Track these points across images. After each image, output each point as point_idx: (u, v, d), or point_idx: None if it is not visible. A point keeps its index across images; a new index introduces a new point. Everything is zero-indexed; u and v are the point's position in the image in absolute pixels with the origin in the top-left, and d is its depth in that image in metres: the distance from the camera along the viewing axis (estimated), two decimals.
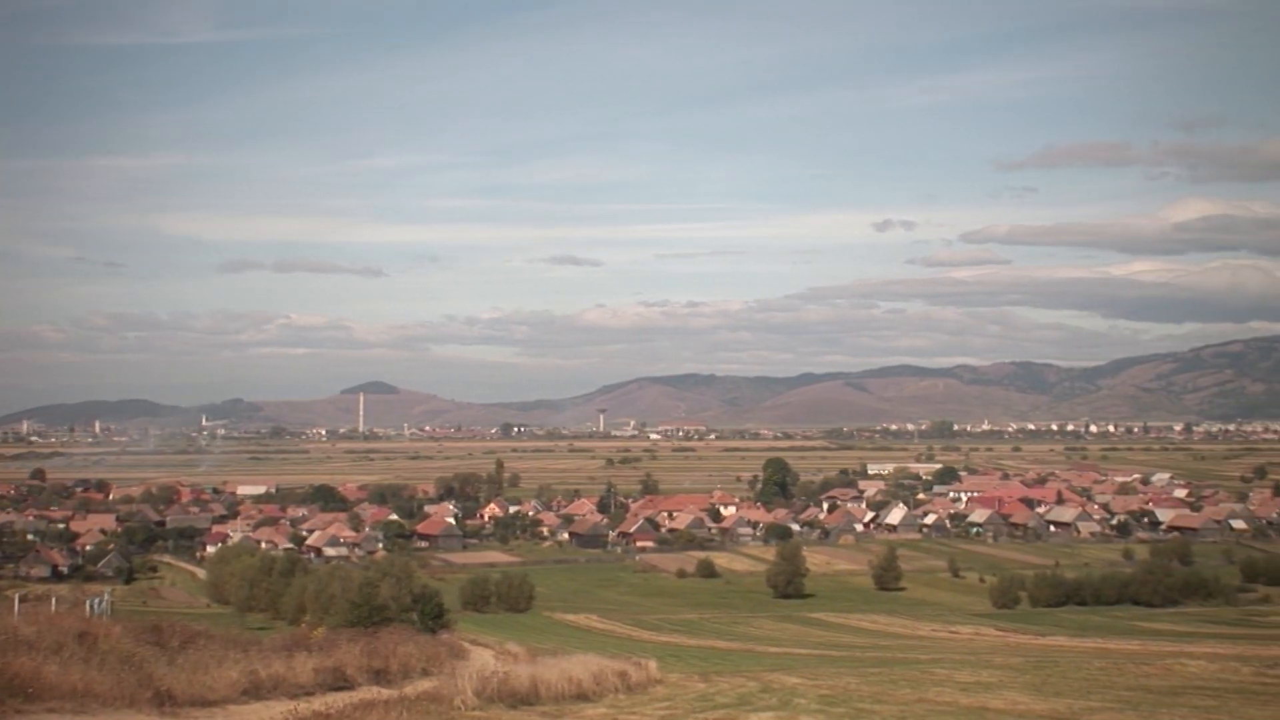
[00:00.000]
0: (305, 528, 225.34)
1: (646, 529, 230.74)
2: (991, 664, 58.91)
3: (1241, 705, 39.63)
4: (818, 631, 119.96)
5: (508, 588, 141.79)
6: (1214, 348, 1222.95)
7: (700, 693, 40.04)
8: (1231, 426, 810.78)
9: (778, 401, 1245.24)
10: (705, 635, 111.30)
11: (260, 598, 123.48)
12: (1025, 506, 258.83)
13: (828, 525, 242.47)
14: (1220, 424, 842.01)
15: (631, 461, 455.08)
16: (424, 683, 35.82)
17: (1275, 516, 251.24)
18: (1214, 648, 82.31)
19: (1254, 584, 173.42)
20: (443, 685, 33.24)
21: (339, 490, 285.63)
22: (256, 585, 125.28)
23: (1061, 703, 39.57)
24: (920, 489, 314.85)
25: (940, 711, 36.75)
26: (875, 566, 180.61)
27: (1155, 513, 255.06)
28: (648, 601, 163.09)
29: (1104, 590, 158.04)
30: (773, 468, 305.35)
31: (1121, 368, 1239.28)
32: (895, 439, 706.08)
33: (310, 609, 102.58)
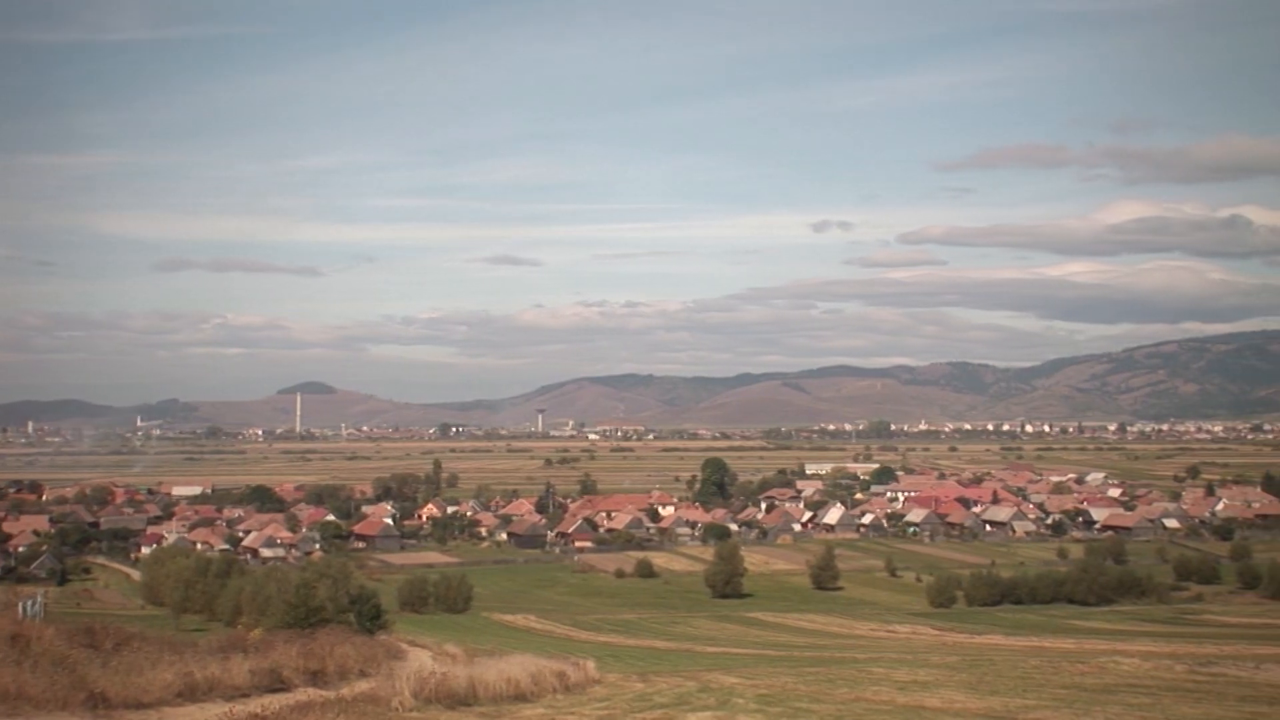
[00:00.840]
0: (241, 528, 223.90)
1: (585, 529, 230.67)
2: (928, 663, 59.19)
3: (1175, 703, 40.02)
4: (756, 631, 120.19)
5: (446, 588, 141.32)
6: (1147, 348, 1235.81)
7: (638, 692, 40.04)
8: (1165, 426, 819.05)
9: (716, 402, 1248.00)
10: (643, 635, 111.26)
11: (196, 599, 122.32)
12: (961, 506, 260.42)
13: (766, 525, 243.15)
14: (1154, 424, 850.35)
15: (570, 462, 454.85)
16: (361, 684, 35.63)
17: (1208, 516, 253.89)
18: (1148, 646, 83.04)
19: (1187, 582, 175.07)
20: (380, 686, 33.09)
21: (276, 491, 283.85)
22: (192, 587, 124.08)
23: (997, 701, 39.84)
24: (858, 489, 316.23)
25: (877, 710, 36.91)
26: (813, 566, 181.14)
27: (1090, 512, 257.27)
28: (586, 602, 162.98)
29: (1039, 589, 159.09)
30: (711, 468, 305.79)
31: (1057, 368, 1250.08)
32: (833, 439, 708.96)
33: (246, 610, 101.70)
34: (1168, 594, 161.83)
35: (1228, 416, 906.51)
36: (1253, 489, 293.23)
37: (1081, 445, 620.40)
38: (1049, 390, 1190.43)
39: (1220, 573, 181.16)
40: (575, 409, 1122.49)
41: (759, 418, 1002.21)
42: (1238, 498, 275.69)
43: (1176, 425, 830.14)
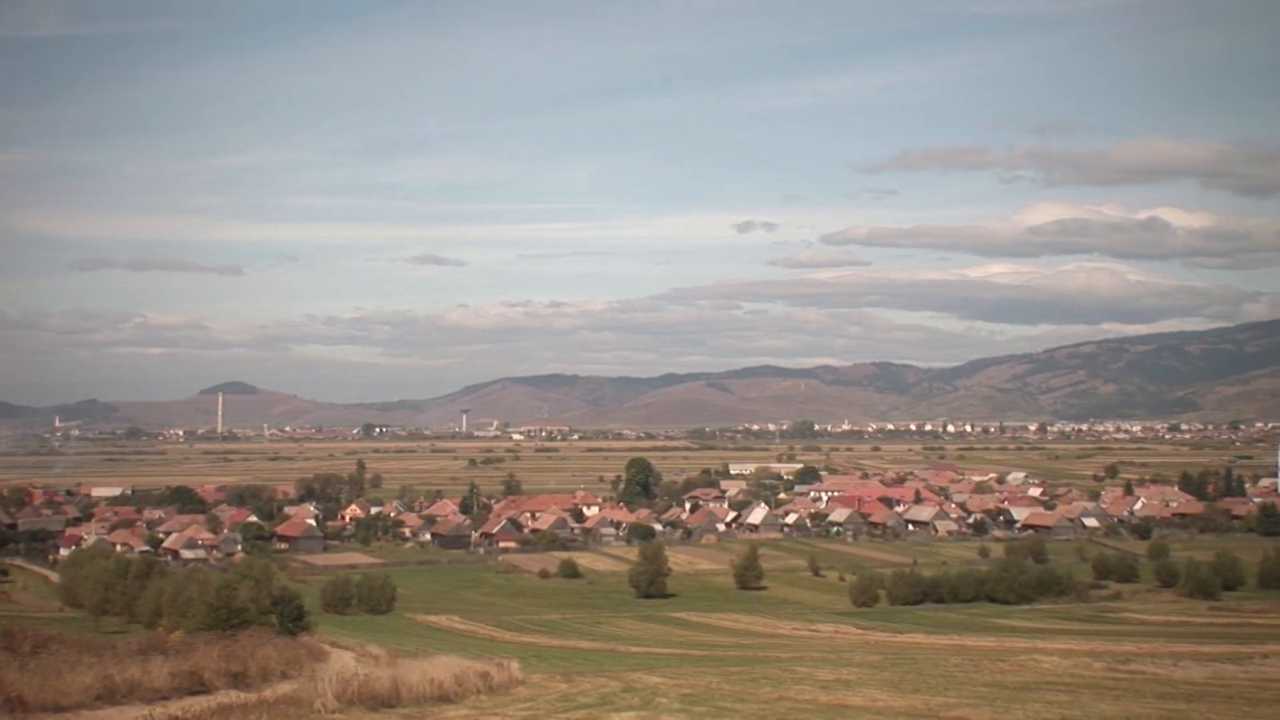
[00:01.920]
0: (162, 530, 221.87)
1: (509, 529, 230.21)
2: (851, 661, 59.49)
3: (1094, 700, 40.42)
4: (680, 631, 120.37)
5: (369, 589, 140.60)
6: (1067, 349, 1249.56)
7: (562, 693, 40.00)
8: (1084, 426, 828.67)
9: (640, 402, 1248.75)
10: (568, 635, 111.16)
11: (115, 601, 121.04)
12: (884, 506, 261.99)
13: (690, 525, 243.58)
14: (1073, 424, 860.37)
15: (494, 462, 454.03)
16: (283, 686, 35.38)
17: (1126, 515, 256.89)
18: (1067, 644, 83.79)
19: (1106, 581, 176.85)
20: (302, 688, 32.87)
21: (197, 492, 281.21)
22: (111, 589, 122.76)
23: (919, 699, 40.10)
24: (781, 489, 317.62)
25: (801, 709, 37.05)
26: (737, 566, 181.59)
27: (1011, 511, 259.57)
28: (510, 602, 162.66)
29: (961, 588, 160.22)
30: (635, 468, 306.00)
31: (978, 368, 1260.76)
32: (757, 439, 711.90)
33: (167, 612, 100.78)
34: (1087, 592, 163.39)
35: (1146, 416, 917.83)
36: (1170, 488, 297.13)
37: (1003, 445, 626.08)
38: (971, 390, 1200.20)
39: (1138, 571, 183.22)
40: (500, 409, 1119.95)
41: (684, 418, 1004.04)
42: (1156, 497, 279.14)
43: (1096, 425, 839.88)
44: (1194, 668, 55.47)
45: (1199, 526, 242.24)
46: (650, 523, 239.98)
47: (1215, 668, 55.62)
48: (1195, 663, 58.45)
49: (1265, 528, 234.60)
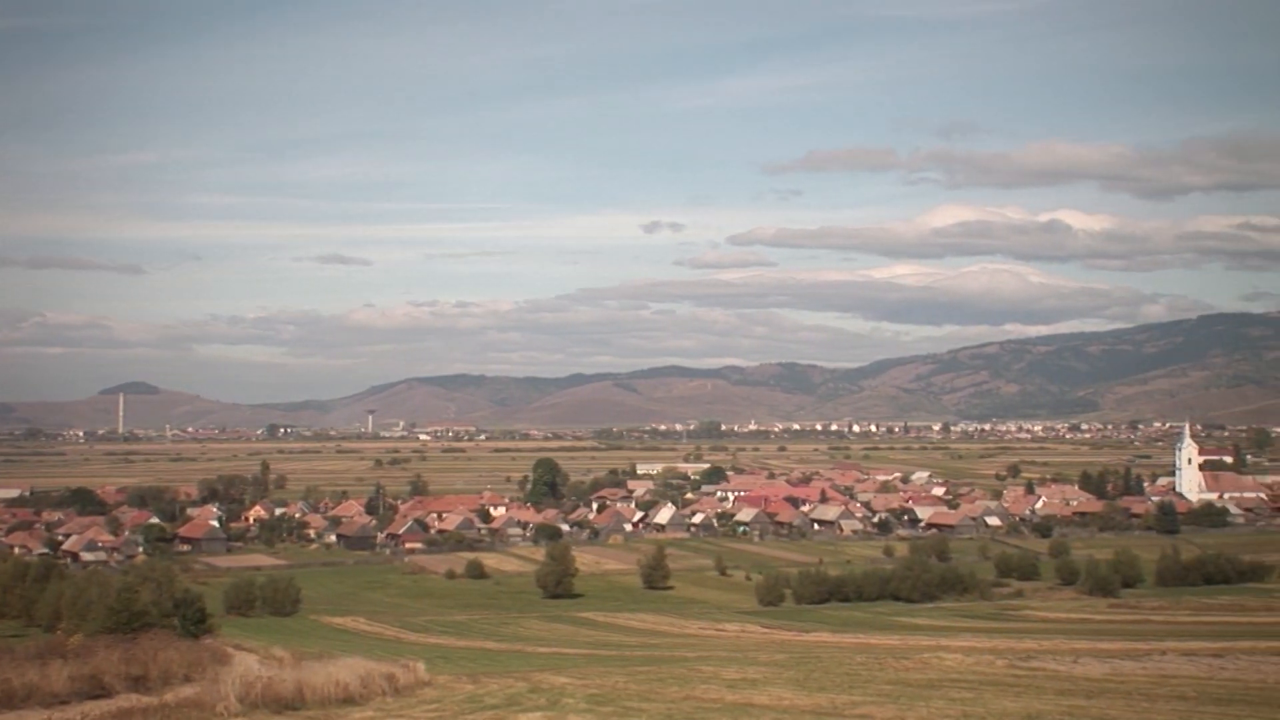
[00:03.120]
0: (61, 532, 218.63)
1: (415, 530, 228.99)
2: (757, 660, 59.76)
3: (995, 697, 40.89)
4: (587, 631, 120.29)
5: (273, 591, 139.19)
6: (971, 349, 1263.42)
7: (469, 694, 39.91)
8: (987, 426, 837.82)
9: (548, 402, 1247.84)
10: (474, 636, 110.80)
11: (13, 604, 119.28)
12: (790, 505, 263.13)
13: (597, 525, 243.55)
14: (976, 423, 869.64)
15: (401, 462, 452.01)
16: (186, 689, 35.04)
17: (1028, 513, 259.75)
18: (970, 641, 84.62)
19: (1008, 579, 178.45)
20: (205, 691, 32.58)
21: (97, 493, 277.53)
22: (9, 591, 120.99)
23: (824, 697, 40.38)
24: (688, 488, 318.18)
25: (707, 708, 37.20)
26: (644, 566, 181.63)
27: (915, 510, 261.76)
28: (416, 603, 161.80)
29: (865, 587, 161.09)
30: (542, 468, 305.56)
31: (883, 369, 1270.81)
32: (664, 439, 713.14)
33: (66, 615, 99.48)
34: (989, 590, 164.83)
35: (1047, 416, 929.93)
36: (1071, 487, 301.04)
37: (907, 445, 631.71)
38: (876, 391, 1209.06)
39: (1040, 569, 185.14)
40: (406, 409, 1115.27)
41: (591, 418, 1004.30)
42: (1056, 496, 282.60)
43: (998, 425, 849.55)
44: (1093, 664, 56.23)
45: (1099, 525, 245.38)
46: (557, 523, 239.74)
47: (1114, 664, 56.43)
48: (1095, 659, 59.25)
49: (1163, 526, 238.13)
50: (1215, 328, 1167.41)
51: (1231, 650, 65.17)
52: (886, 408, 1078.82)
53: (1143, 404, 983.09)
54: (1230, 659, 59.33)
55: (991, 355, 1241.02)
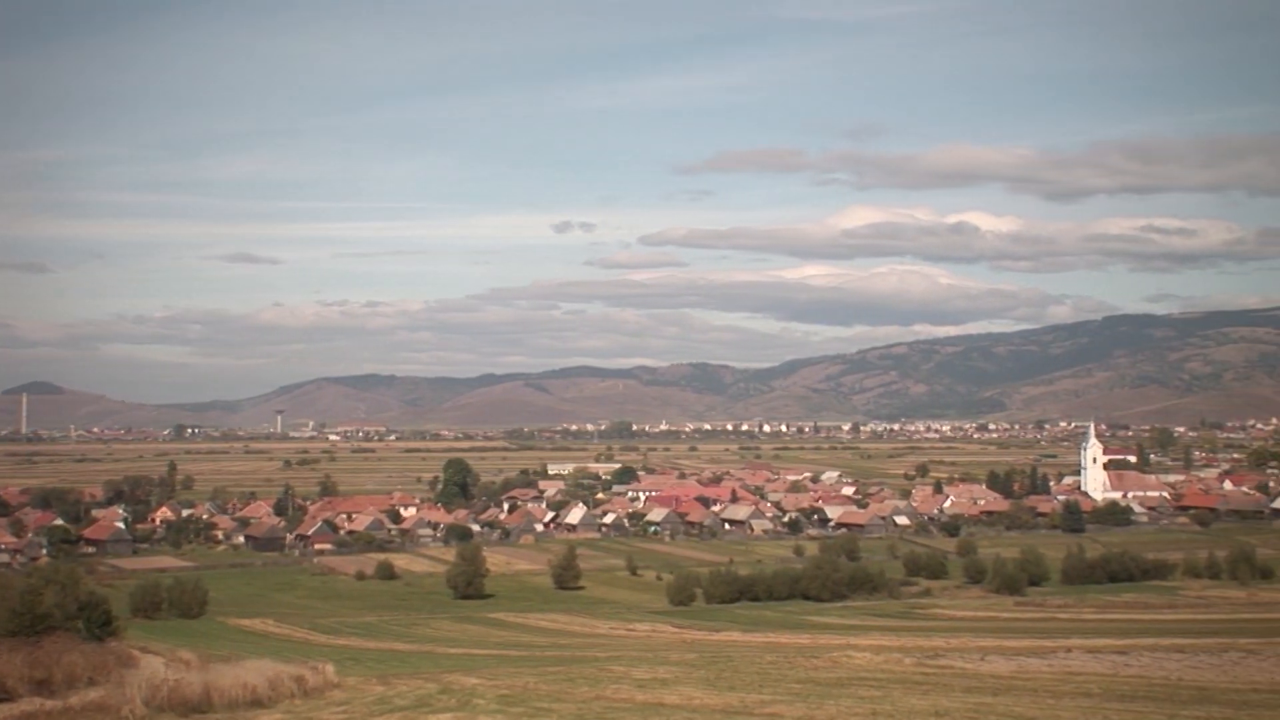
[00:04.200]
0: None
1: (325, 531, 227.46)
2: (668, 660, 59.90)
3: (904, 695, 41.24)
4: (497, 632, 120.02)
5: (180, 593, 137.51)
6: (880, 350, 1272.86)
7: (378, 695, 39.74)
8: (896, 426, 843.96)
9: (459, 402, 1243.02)
10: (384, 638, 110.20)
11: None
12: (701, 505, 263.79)
13: (508, 525, 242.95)
14: (885, 423, 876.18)
15: (310, 463, 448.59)
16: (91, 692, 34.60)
17: (936, 513, 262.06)
18: (879, 640, 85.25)
19: (916, 578, 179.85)
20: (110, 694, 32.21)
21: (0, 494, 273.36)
22: None
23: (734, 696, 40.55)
24: (599, 489, 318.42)
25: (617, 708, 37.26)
26: (555, 566, 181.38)
27: (825, 510, 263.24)
28: (326, 605, 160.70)
29: (776, 586, 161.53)
30: (453, 468, 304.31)
31: (793, 369, 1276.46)
32: (575, 439, 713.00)
33: None
34: (898, 589, 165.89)
35: (955, 416, 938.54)
36: (978, 486, 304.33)
37: (817, 445, 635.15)
38: (786, 390, 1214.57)
39: (948, 568, 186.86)
40: (315, 410, 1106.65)
41: (502, 418, 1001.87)
42: (964, 495, 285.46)
43: (907, 425, 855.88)
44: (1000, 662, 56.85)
45: (1005, 524, 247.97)
46: (468, 523, 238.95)
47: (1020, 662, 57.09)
48: (1001, 657, 59.91)
49: (1068, 525, 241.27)
50: (1119, 329, 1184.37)
51: (1135, 647, 66.10)
52: (797, 408, 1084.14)
53: (1049, 404, 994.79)
54: (1134, 656, 60.20)
55: (900, 356, 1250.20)
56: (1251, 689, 45.76)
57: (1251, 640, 71.30)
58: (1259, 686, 46.68)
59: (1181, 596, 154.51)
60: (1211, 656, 59.44)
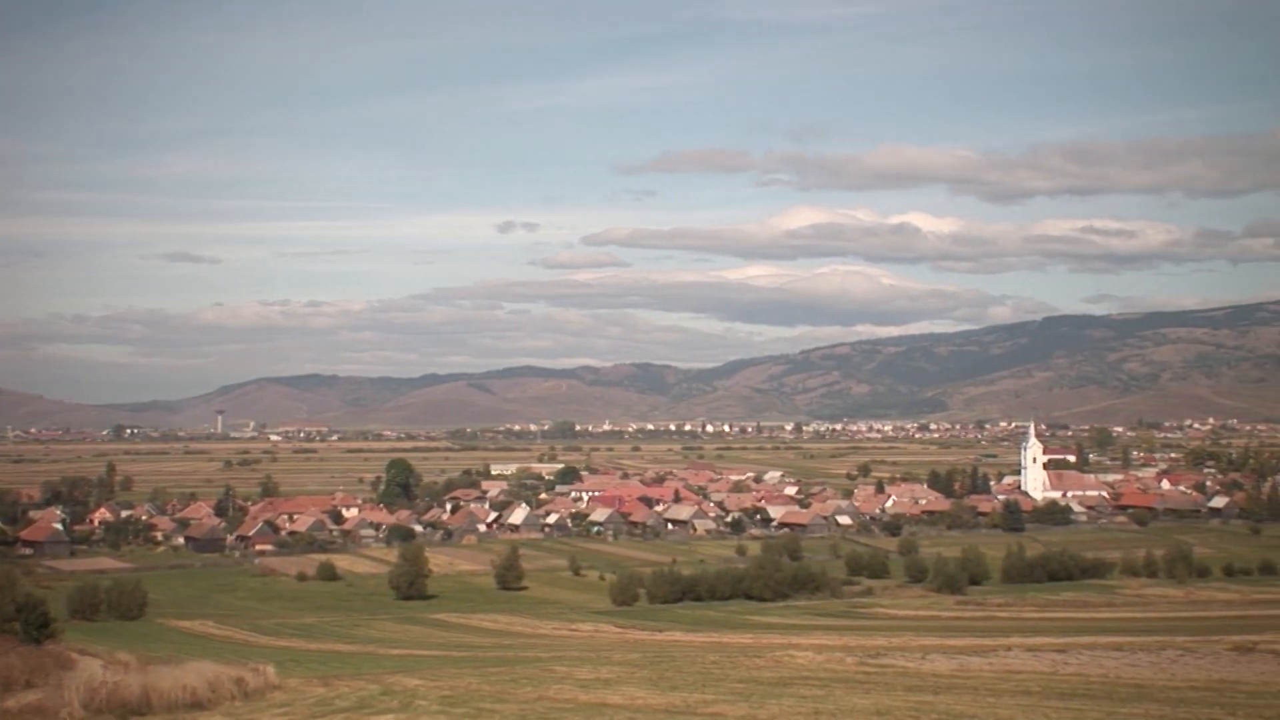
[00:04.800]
0: None
1: (266, 532, 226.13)
2: (611, 660, 59.88)
3: (846, 694, 41.40)
4: (440, 632, 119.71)
5: (119, 595, 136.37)
6: (822, 350, 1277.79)
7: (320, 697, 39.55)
8: (838, 426, 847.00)
9: (401, 402, 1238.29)
10: (325, 639, 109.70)
11: None
12: (644, 505, 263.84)
13: (451, 526, 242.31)
14: (828, 423, 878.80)
15: (251, 463, 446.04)
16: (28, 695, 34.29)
17: (878, 512, 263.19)
18: (821, 639, 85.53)
19: (858, 577, 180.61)
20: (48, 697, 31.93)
21: None
22: None
23: (677, 696, 40.60)
24: (542, 489, 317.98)
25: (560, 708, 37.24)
26: (498, 566, 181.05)
27: (767, 510, 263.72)
28: (267, 606, 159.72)
29: (718, 586, 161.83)
30: (395, 469, 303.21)
31: (736, 369, 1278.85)
32: (518, 439, 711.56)
33: None
34: (840, 588, 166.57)
35: (897, 416, 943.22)
36: (919, 486, 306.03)
37: (760, 445, 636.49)
38: (729, 391, 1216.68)
39: (889, 567, 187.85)
40: (256, 410, 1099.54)
41: (445, 418, 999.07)
42: (905, 495, 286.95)
43: (849, 425, 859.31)
44: (941, 660, 57.14)
45: (946, 523, 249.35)
46: (410, 524, 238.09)
47: (961, 660, 57.41)
48: (942, 656, 60.23)
49: (1008, 524, 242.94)
50: (1059, 329, 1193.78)
51: (1074, 646, 66.61)
52: (740, 408, 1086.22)
53: (989, 404, 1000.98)
54: (1073, 654, 60.64)
55: (843, 356, 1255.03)
56: (1188, 686, 46.19)
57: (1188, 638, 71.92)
58: (1195, 684, 47.12)
59: (1120, 595, 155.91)
60: (1149, 655, 59.94)
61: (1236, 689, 45.13)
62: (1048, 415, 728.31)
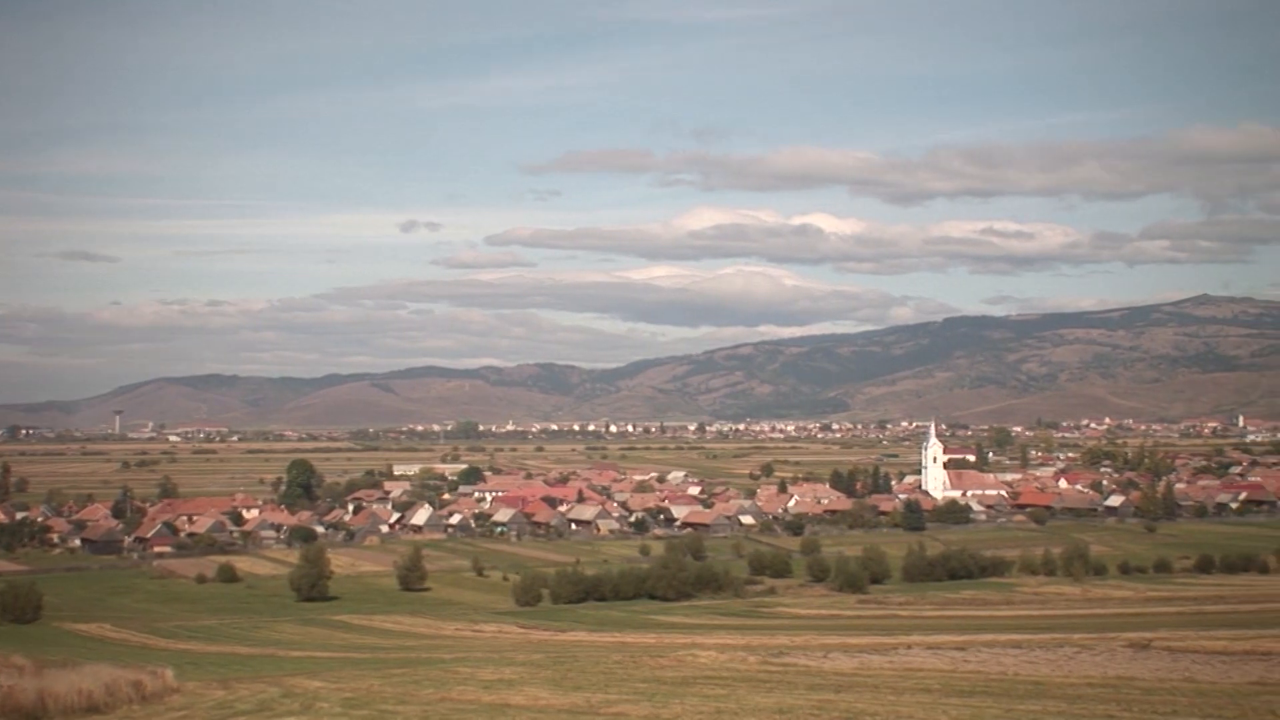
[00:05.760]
0: None
1: (164, 534, 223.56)
2: (514, 661, 59.77)
3: (748, 693, 41.59)
4: (341, 634, 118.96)
5: (13, 597, 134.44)
6: (726, 350, 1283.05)
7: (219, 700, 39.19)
8: (741, 426, 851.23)
9: (303, 402, 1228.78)
10: (225, 641, 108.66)
11: None
12: (548, 505, 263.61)
13: (353, 527, 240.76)
14: (731, 423, 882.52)
15: (149, 464, 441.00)
16: None
17: (780, 512, 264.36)
18: (724, 639, 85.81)
19: (761, 576, 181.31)
20: None
21: None
22: None
23: (580, 696, 40.61)
24: (445, 489, 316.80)
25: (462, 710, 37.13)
26: (400, 567, 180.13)
27: (671, 510, 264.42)
28: (165, 608, 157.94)
29: (622, 586, 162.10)
30: (297, 469, 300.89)
31: (640, 369, 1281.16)
32: (421, 440, 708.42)
33: None
34: (743, 588, 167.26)
35: (800, 416, 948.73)
36: (822, 485, 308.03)
37: (663, 445, 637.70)
38: (633, 391, 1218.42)
39: (792, 566, 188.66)
40: (155, 410, 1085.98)
41: (347, 419, 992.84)
42: (808, 494, 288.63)
43: (752, 425, 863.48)
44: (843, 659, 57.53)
45: (848, 523, 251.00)
46: (312, 525, 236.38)
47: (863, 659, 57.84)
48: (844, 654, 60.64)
49: (909, 523, 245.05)
50: (959, 330, 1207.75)
51: (973, 643, 67.25)
52: (643, 408, 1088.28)
53: (890, 404, 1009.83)
54: (972, 652, 61.26)
55: (746, 356, 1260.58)
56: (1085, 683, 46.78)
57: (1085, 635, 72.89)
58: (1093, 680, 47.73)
59: (1018, 593, 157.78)
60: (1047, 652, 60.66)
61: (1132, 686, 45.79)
62: (948, 415, 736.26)
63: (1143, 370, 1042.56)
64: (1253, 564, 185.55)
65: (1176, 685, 45.67)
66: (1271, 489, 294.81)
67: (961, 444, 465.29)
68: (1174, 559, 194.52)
